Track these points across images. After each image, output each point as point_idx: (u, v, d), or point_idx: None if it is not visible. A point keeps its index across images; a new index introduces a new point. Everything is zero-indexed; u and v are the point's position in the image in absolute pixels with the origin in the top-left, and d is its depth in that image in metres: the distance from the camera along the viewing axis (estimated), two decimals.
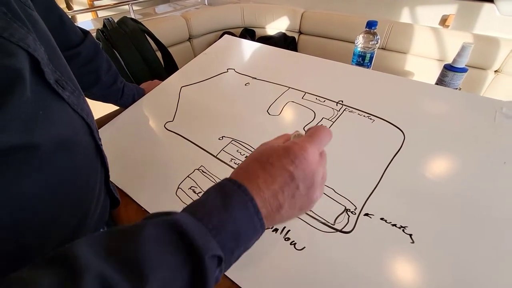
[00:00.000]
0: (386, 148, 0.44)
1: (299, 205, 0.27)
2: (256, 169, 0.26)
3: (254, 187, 0.24)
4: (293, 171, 0.25)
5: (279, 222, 0.27)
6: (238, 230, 0.23)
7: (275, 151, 0.26)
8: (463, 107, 0.48)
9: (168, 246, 0.19)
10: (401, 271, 0.32)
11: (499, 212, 0.35)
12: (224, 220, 0.22)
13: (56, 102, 0.28)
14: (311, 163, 0.26)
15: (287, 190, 0.25)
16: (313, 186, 0.27)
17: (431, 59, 1.08)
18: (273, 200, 0.25)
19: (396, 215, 0.36)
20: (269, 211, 0.25)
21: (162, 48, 0.98)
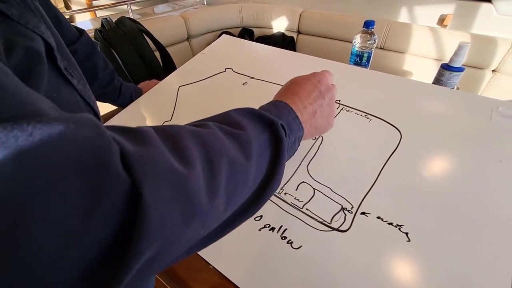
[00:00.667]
0: (383, 147, 0.44)
1: (325, 114, 0.37)
2: (295, 87, 0.36)
3: (296, 100, 0.34)
4: (320, 86, 0.37)
5: (315, 127, 0.37)
6: (289, 122, 0.31)
7: (305, 76, 0.38)
8: (460, 106, 0.48)
9: (250, 119, 0.27)
10: (397, 270, 0.32)
11: (495, 211, 0.35)
12: (279, 114, 0.30)
13: (66, 87, 0.29)
14: (329, 83, 0.38)
15: (318, 100, 0.36)
16: (332, 98, 0.38)
17: (429, 59, 1.09)
18: (310, 107, 0.35)
19: (392, 213, 0.37)
20: (307, 115, 0.34)
21: (160, 48, 0.98)
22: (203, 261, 0.36)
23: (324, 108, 0.36)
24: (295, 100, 0.34)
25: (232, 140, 0.23)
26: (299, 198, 0.40)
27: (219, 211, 0.20)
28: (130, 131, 0.17)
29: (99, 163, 0.13)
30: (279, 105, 0.32)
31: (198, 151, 0.19)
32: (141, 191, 0.14)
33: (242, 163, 0.22)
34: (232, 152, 0.22)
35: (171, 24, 1.28)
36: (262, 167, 0.25)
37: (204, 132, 0.22)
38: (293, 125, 0.31)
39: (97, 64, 0.56)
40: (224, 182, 0.20)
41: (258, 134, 0.26)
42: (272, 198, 0.41)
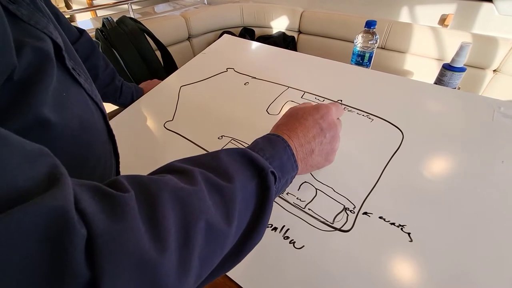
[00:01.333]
0: (385, 147, 0.44)
1: (325, 152, 0.36)
2: (294, 122, 0.34)
3: (293, 136, 0.33)
4: (321, 123, 0.35)
5: (311, 167, 0.36)
6: (283, 163, 0.30)
7: (307, 109, 0.36)
8: (462, 106, 0.48)
9: (240, 164, 0.26)
10: (399, 270, 0.32)
11: (497, 211, 0.35)
12: (273, 155, 0.29)
13: (74, 86, 0.30)
14: (334, 119, 0.36)
15: (318, 138, 0.34)
16: (335, 136, 0.36)
17: (430, 59, 1.09)
18: (308, 145, 0.33)
19: (394, 213, 0.37)
20: (303, 154, 0.33)
21: (162, 48, 0.98)
22: None
23: (324, 146, 0.35)
24: (292, 136, 0.32)
25: (216, 195, 0.22)
26: (301, 198, 0.40)
27: (189, 284, 0.19)
28: (110, 198, 0.16)
29: (58, 256, 0.13)
30: (275, 142, 0.31)
31: (175, 217, 0.18)
32: (100, 285, 0.13)
33: (221, 228, 0.21)
34: (212, 215, 0.21)
35: (172, 24, 1.28)
36: (244, 221, 0.24)
37: (186, 190, 0.20)
38: (287, 165, 0.30)
39: (97, 64, 0.56)
40: (198, 249, 0.19)
41: (246, 183, 0.25)
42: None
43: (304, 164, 0.33)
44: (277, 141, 0.31)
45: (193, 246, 0.19)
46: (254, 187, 0.25)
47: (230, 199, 0.23)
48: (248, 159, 0.27)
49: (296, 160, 0.31)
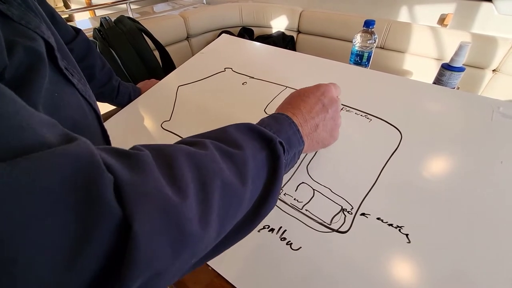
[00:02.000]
0: (383, 148, 0.44)
1: (329, 128, 0.37)
2: (298, 101, 0.36)
3: (298, 113, 0.34)
4: (323, 99, 0.36)
5: (316, 143, 0.36)
6: (288, 137, 0.31)
7: (308, 89, 0.38)
8: (460, 106, 0.48)
9: (248, 136, 0.27)
10: (398, 271, 0.32)
11: (496, 212, 0.35)
12: (279, 129, 0.30)
13: (67, 87, 0.29)
14: (334, 96, 0.38)
15: (321, 114, 0.36)
16: (336, 111, 0.38)
17: (430, 58, 1.09)
18: (312, 121, 0.35)
19: (392, 215, 0.36)
20: (308, 129, 0.34)
21: (160, 47, 0.98)
22: None
23: (327, 122, 0.36)
24: (296, 113, 0.34)
25: (228, 160, 0.23)
26: (298, 199, 0.40)
27: (210, 238, 0.20)
28: (127, 155, 0.17)
29: (90, 196, 0.13)
30: (280, 119, 0.32)
31: (192, 175, 0.19)
32: (132, 223, 0.14)
33: (236, 187, 0.22)
34: (227, 175, 0.21)
35: (171, 23, 1.28)
36: (257, 188, 0.25)
37: (200, 153, 0.21)
38: (294, 140, 0.31)
39: (94, 63, 0.55)
40: (217, 207, 0.20)
41: (256, 152, 0.25)
42: None
43: (310, 140, 0.35)
44: (282, 118, 0.32)
45: (211, 202, 0.19)
46: (264, 157, 0.26)
47: (242, 164, 0.23)
48: (256, 132, 0.28)
49: (302, 136, 0.32)
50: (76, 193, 0.13)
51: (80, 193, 0.13)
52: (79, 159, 0.13)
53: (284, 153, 0.28)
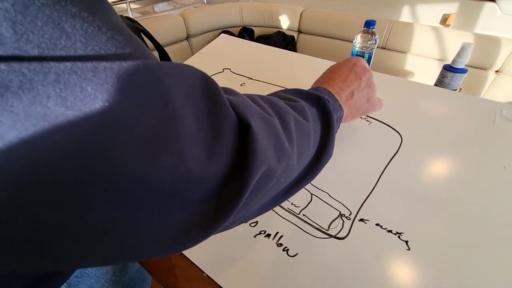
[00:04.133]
0: (383, 151, 0.43)
1: (365, 95, 0.38)
2: (331, 73, 0.38)
3: (333, 84, 0.36)
4: (355, 69, 0.38)
5: (354, 109, 0.38)
6: (332, 100, 0.33)
7: (340, 62, 0.40)
8: (462, 109, 0.47)
9: (298, 96, 0.29)
10: (397, 279, 0.31)
11: (498, 218, 0.34)
12: (321, 95, 0.31)
13: None
14: (365, 65, 0.40)
15: (355, 82, 0.37)
16: (370, 80, 0.39)
17: (432, 59, 1.07)
18: (348, 89, 0.37)
19: (392, 220, 0.35)
20: (345, 97, 0.36)
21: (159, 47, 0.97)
22: (197, 269, 0.35)
23: (363, 89, 0.38)
24: (332, 84, 0.36)
25: (291, 107, 0.25)
26: (295, 204, 0.39)
27: (294, 161, 0.23)
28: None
29: (215, 100, 0.16)
30: (318, 90, 0.34)
31: (271, 108, 0.22)
32: (250, 123, 0.17)
33: (304, 123, 0.25)
34: (295, 113, 0.25)
35: (170, 23, 1.27)
36: (316, 134, 0.28)
37: (269, 97, 0.25)
38: (335, 105, 0.33)
39: None
40: (295, 136, 0.23)
41: (309, 106, 0.28)
42: None
43: (348, 107, 0.36)
44: (320, 89, 0.34)
45: (291, 130, 0.22)
46: (316, 112, 0.29)
47: (302, 110, 0.26)
48: (304, 93, 0.30)
49: (340, 104, 0.34)
50: (206, 95, 0.15)
51: (208, 96, 0.15)
52: (201, 73, 0.16)
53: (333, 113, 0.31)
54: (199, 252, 0.36)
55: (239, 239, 0.36)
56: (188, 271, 0.35)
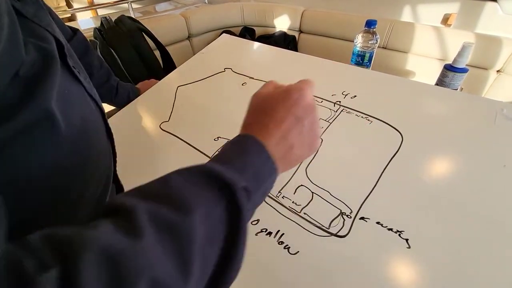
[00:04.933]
0: (384, 150, 0.43)
1: (307, 141, 0.30)
2: (263, 117, 0.28)
3: (265, 135, 0.27)
4: (296, 110, 0.28)
5: (295, 162, 0.30)
6: (257, 170, 0.25)
7: (275, 98, 0.29)
8: (463, 108, 0.47)
9: (201, 184, 0.21)
10: (397, 278, 0.31)
11: (498, 217, 0.34)
12: (244, 163, 0.25)
13: (75, 84, 0.29)
14: (310, 101, 0.29)
15: (294, 129, 0.28)
16: (314, 121, 0.30)
17: (433, 59, 1.07)
18: (284, 141, 0.28)
19: (392, 219, 0.36)
20: (282, 152, 0.28)
21: (160, 47, 0.97)
22: None
23: (305, 136, 0.29)
24: (265, 135, 0.27)
25: (166, 239, 0.18)
26: (297, 202, 0.39)
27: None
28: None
29: None
30: (246, 146, 0.26)
31: (102, 281, 0.15)
32: None
33: (172, 281, 0.17)
34: (159, 269, 0.17)
35: (172, 23, 1.27)
36: (210, 259, 0.20)
37: (120, 246, 0.16)
38: (263, 171, 0.26)
39: (91, 63, 0.55)
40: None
41: (211, 208, 0.21)
42: (270, 201, 0.40)
43: (284, 163, 0.28)
44: (249, 143, 0.26)
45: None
46: (222, 211, 0.21)
47: (187, 239, 0.18)
48: (211, 176, 0.22)
49: (274, 162, 0.27)
50: None
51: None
52: None
53: (251, 196, 0.23)
54: None
55: None
56: None
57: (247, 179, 0.23)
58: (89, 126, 0.30)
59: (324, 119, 0.50)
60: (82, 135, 0.28)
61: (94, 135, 0.31)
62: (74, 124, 0.27)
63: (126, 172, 0.48)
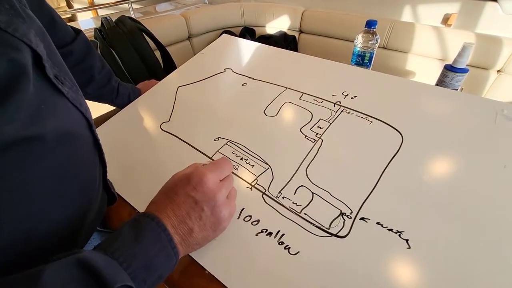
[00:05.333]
0: (384, 151, 0.43)
1: (209, 225, 0.31)
2: (163, 200, 0.30)
3: (164, 217, 0.28)
4: (195, 195, 0.30)
5: (196, 245, 0.31)
6: (150, 259, 0.25)
7: (178, 181, 0.31)
8: (463, 108, 0.47)
9: (73, 283, 0.20)
10: (397, 277, 0.31)
11: (499, 218, 0.34)
12: (135, 253, 0.24)
13: (56, 96, 0.28)
14: (211, 186, 0.31)
15: (193, 213, 0.29)
16: (216, 205, 0.31)
17: (433, 59, 1.07)
18: (183, 225, 0.29)
19: (392, 219, 0.36)
20: (181, 236, 0.28)
21: (161, 47, 0.97)
22: (200, 267, 0.35)
23: (206, 220, 0.30)
24: (163, 217, 0.28)
25: None
26: (297, 203, 0.40)
27: None
28: None
29: None
30: (145, 230, 0.26)
31: None
32: None
33: None
34: None
35: (172, 23, 1.28)
36: None
37: None
38: (159, 258, 0.26)
39: (93, 65, 0.55)
40: None
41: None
42: (270, 202, 0.40)
43: (185, 246, 0.29)
44: (149, 227, 0.26)
45: None
46: None
47: None
48: (88, 273, 0.20)
49: (175, 246, 0.27)
50: None
51: None
52: None
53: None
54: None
55: (241, 236, 0.37)
56: (190, 269, 0.35)
57: (133, 271, 0.23)
58: (72, 139, 0.29)
59: (324, 119, 0.50)
60: (62, 148, 0.27)
61: (79, 148, 0.30)
62: (53, 138, 0.26)
63: (124, 173, 0.49)
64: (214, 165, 0.34)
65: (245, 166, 0.45)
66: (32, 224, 0.25)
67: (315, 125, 0.49)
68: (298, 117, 0.52)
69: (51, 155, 0.26)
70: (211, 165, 0.34)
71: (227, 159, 0.36)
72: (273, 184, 0.42)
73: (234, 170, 0.45)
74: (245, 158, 0.47)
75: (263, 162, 0.46)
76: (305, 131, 0.49)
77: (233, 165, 0.46)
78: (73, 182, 0.29)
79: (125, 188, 0.46)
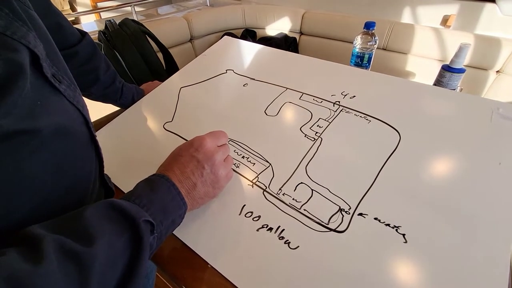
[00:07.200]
0: (382, 149, 0.44)
1: (209, 182, 0.37)
2: (171, 162, 0.37)
3: (171, 175, 0.34)
4: (197, 155, 0.36)
5: (199, 199, 0.36)
6: (165, 205, 0.31)
7: (183, 146, 0.38)
8: (459, 107, 0.48)
9: (108, 218, 0.25)
10: (394, 271, 0.32)
11: (494, 213, 0.35)
12: (152, 199, 0.30)
13: (53, 94, 0.29)
14: (210, 147, 0.38)
15: (196, 171, 0.36)
16: (215, 165, 0.37)
17: (432, 60, 1.08)
18: (188, 180, 0.35)
19: (389, 215, 0.37)
20: (186, 189, 0.35)
21: (163, 49, 0.99)
22: (202, 260, 0.36)
23: (207, 177, 0.36)
24: (170, 175, 0.34)
25: (69, 266, 0.21)
26: (297, 199, 0.41)
27: None
28: None
29: None
30: (156, 184, 0.32)
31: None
32: None
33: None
34: None
35: (174, 26, 1.29)
36: (109, 283, 0.23)
37: (23, 272, 0.18)
38: (172, 205, 0.32)
39: (98, 66, 0.57)
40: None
41: (114, 239, 0.24)
42: (271, 198, 0.41)
43: (191, 199, 0.35)
44: (160, 182, 0.32)
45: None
46: (127, 241, 0.25)
47: (88, 266, 0.21)
48: (118, 211, 0.26)
49: (183, 197, 0.33)
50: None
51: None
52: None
53: (156, 228, 0.28)
54: (204, 244, 0.37)
55: (242, 232, 0.38)
56: (193, 262, 0.36)
57: (152, 213, 0.29)
58: (68, 133, 0.30)
59: (323, 118, 0.51)
60: (58, 142, 0.28)
61: (74, 142, 0.32)
62: (49, 132, 0.27)
63: (129, 172, 0.50)
64: (212, 133, 0.40)
65: (247, 164, 0.47)
66: (28, 214, 0.26)
67: (315, 124, 0.51)
68: (298, 117, 0.53)
69: (46, 148, 0.27)
70: (210, 133, 0.40)
71: (223, 131, 0.42)
72: (274, 182, 0.43)
73: (236, 168, 0.46)
74: (246, 156, 0.48)
75: (264, 160, 0.47)
76: (305, 130, 0.50)
77: (234, 163, 0.47)
78: (68, 175, 0.30)
79: (129, 186, 0.47)
